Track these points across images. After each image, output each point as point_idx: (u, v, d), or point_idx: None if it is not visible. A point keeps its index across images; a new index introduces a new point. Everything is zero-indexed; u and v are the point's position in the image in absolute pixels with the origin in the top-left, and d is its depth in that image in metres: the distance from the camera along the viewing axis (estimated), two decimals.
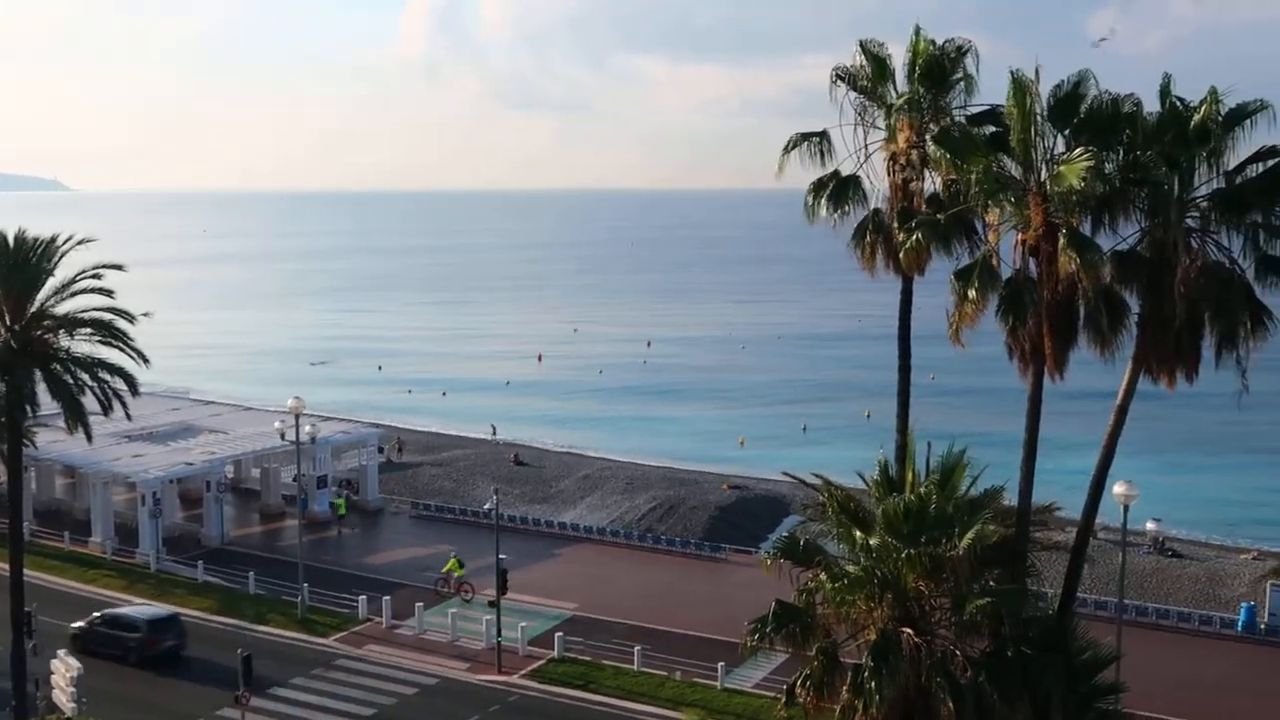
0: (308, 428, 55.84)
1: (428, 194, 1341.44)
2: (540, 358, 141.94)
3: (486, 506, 55.65)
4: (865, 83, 30.79)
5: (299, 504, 57.44)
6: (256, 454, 66.74)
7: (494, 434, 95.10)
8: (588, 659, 45.79)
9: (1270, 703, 42.56)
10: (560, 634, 47.01)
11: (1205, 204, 26.11)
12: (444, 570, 54.13)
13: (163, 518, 59.08)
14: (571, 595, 53.05)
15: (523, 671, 44.75)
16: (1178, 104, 26.05)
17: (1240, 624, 49.68)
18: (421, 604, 50.10)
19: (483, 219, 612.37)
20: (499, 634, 45.02)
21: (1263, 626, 49.41)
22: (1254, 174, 26.03)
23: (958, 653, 24.02)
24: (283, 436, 57.83)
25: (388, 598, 50.43)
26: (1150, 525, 62.26)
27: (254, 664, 37.32)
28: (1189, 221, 26.11)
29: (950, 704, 22.62)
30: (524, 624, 47.35)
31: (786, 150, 31.40)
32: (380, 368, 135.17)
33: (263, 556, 58.81)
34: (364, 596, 50.69)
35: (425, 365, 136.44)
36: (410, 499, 70.84)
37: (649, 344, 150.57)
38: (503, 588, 45.51)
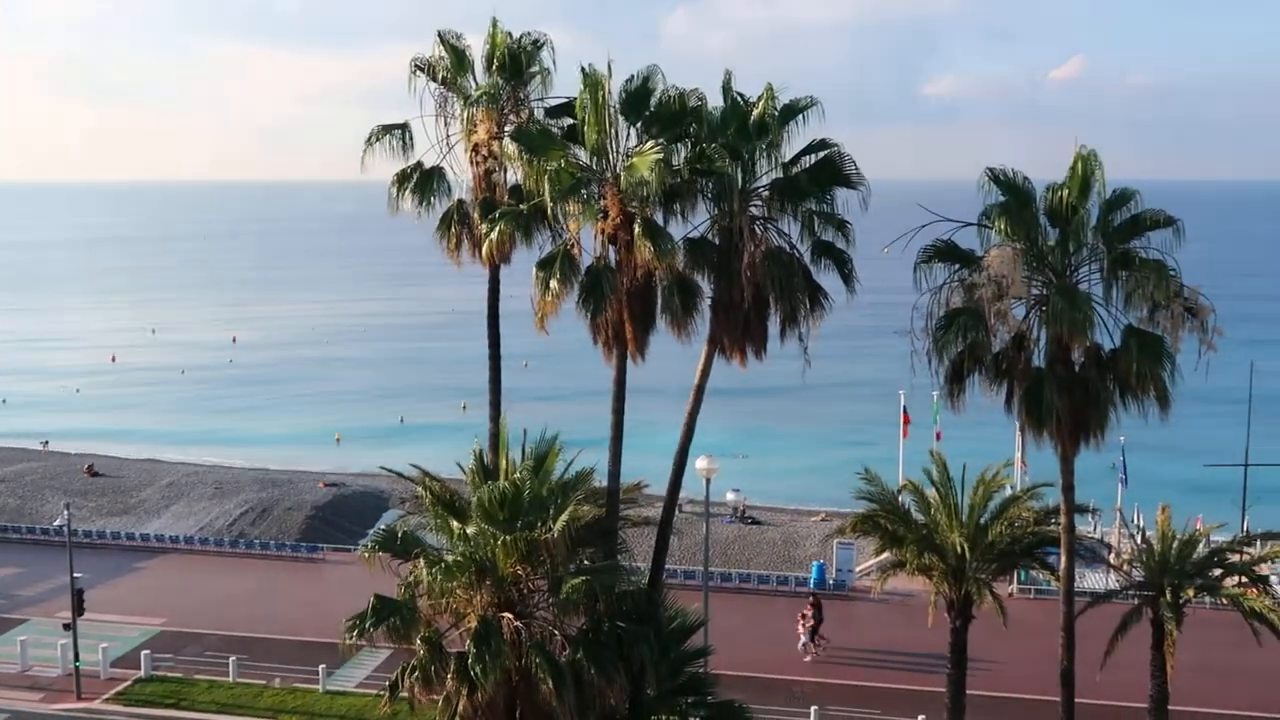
0: None
1: None
2: (114, 359, 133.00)
3: (57, 523, 51.60)
4: (446, 74, 30.84)
5: None
6: None
7: (45, 446, 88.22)
8: (179, 675, 43.59)
9: (841, 650, 46.36)
10: (147, 652, 44.40)
11: (766, 193, 27.88)
12: None
13: None
14: (158, 610, 50.24)
15: (105, 696, 41.93)
16: (739, 99, 27.67)
17: (812, 581, 53.91)
18: None
19: (47, 213, 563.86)
20: (76, 658, 41.88)
21: (831, 581, 53.87)
22: (807, 165, 28.08)
23: (556, 633, 24.64)
24: None
25: None
26: (730, 496, 66.44)
27: None
28: (753, 209, 27.81)
29: (550, 683, 23.15)
30: (105, 645, 44.30)
31: (369, 142, 31.14)
32: None
33: None
34: None
35: None
36: None
37: (234, 339, 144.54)
38: (79, 608, 42.32)
